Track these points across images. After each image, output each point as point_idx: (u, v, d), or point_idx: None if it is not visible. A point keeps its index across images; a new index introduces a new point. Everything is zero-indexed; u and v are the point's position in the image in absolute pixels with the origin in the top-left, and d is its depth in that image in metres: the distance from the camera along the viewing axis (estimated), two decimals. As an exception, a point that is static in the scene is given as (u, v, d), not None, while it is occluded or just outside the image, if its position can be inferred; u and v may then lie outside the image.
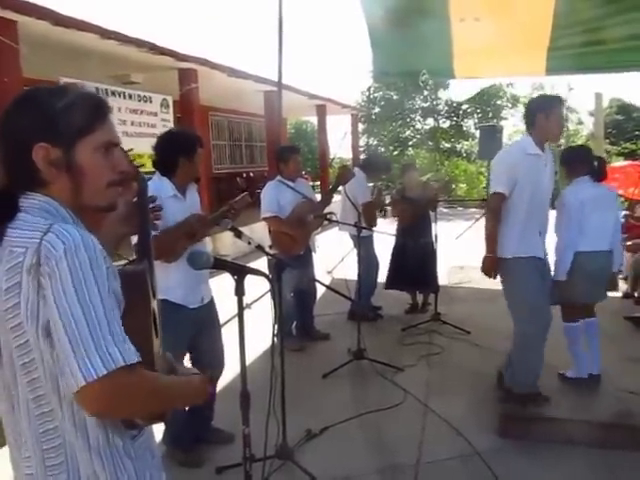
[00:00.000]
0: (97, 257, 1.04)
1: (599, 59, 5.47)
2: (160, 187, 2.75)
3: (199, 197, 3.09)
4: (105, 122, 1.17)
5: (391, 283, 5.66)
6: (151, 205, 1.60)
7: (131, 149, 1.48)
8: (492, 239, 3.35)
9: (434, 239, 5.38)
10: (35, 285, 1.01)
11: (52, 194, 1.12)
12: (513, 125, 22.39)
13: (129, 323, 1.09)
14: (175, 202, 2.80)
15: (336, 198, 5.26)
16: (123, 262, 1.27)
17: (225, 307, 2.97)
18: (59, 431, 1.08)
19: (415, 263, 5.38)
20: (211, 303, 3.06)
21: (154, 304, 1.25)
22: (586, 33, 5.19)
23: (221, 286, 2.99)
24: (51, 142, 1.09)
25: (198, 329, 2.91)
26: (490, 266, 3.36)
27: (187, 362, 2.91)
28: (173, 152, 2.87)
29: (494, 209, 3.36)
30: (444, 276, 6.03)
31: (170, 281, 2.67)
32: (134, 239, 1.49)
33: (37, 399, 1.08)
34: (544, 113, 3.27)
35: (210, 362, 2.94)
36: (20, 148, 1.09)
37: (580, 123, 24.81)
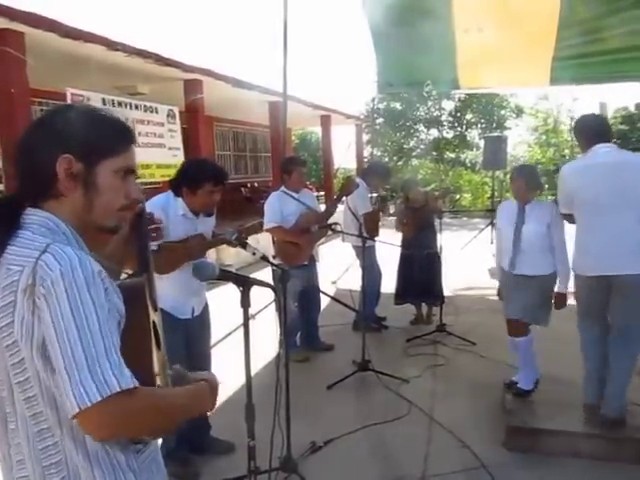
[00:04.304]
0: (94, 278, 1.03)
1: (603, 69, 5.48)
2: (167, 203, 2.80)
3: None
4: (129, 149, 1.19)
5: (399, 297, 5.64)
6: (152, 226, 1.59)
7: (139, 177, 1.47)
8: None
9: (439, 250, 5.37)
10: (30, 305, 1.00)
11: (61, 208, 1.12)
12: (518, 135, 22.38)
13: (127, 337, 1.08)
14: (184, 220, 2.83)
15: (340, 208, 5.27)
16: (122, 276, 1.26)
17: (229, 318, 2.96)
18: (59, 447, 1.07)
19: (421, 274, 5.37)
20: (204, 315, 3.04)
21: (155, 316, 1.24)
22: (590, 44, 5.22)
23: (224, 296, 2.98)
24: (75, 156, 1.11)
25: (187, 340, 2.89)
26: None
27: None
28: (179, 179, 2.88)
29: None
30: (449, 286, 6.00)
31: (159, 290, 2.67)
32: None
33: (35, 416, 1.06)
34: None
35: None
36: (44, 157, 1.10)
37: (584, 133, 24.70)
